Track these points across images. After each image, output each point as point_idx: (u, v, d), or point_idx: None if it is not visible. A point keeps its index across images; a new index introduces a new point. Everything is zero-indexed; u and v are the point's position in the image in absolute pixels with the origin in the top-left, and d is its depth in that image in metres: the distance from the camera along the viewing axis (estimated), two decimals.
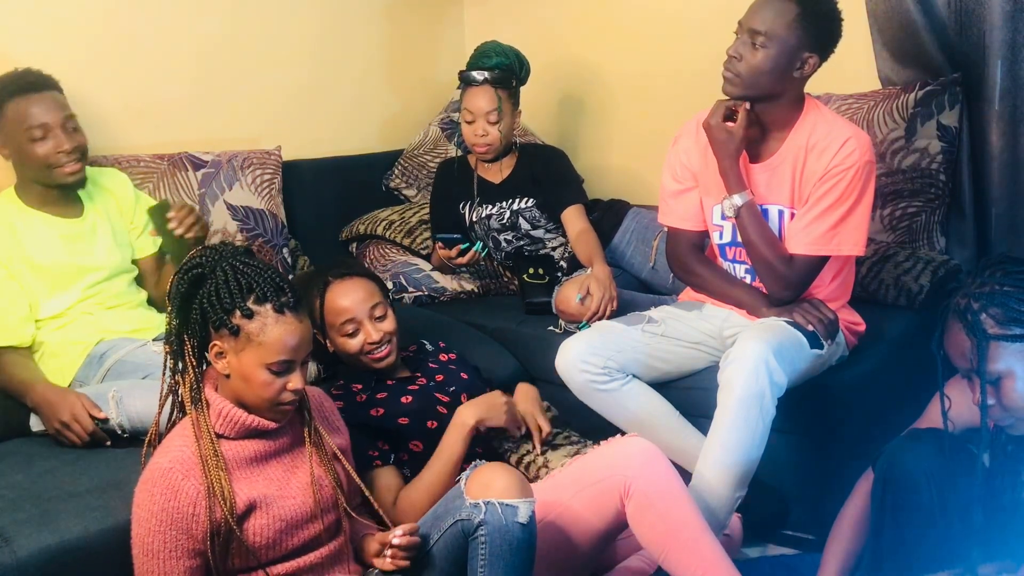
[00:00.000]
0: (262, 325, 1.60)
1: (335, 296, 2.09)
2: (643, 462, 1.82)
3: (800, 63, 2.14)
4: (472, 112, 2.86)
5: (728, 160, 2.19)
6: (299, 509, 1.68)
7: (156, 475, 1.59)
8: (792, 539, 2.27)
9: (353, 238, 3.25)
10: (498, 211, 2.94)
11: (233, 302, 1.59)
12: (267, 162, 2.94)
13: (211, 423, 1.64)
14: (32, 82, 2.24)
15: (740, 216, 2.20)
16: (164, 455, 1.62)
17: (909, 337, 2.55)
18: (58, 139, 2.21)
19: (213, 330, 1.61)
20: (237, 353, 1.61)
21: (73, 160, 2.24)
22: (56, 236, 2.28)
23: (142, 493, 1.60)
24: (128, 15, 2.79)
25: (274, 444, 1.70)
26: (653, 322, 2.31)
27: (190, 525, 1.58)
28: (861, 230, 2.19)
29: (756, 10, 2.15)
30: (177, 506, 1.57)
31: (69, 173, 2.24)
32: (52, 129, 2.21)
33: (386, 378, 2.15)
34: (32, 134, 2.20)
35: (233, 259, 1.63)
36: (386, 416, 2.06)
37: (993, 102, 2.66)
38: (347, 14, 3.41)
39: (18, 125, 2.20)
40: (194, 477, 1.59)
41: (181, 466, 1.59)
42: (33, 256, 2.23)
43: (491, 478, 1.64)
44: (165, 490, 1.58)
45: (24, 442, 2.09)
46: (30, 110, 2.20)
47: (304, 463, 1.72)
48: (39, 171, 2.24)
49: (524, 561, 1.63)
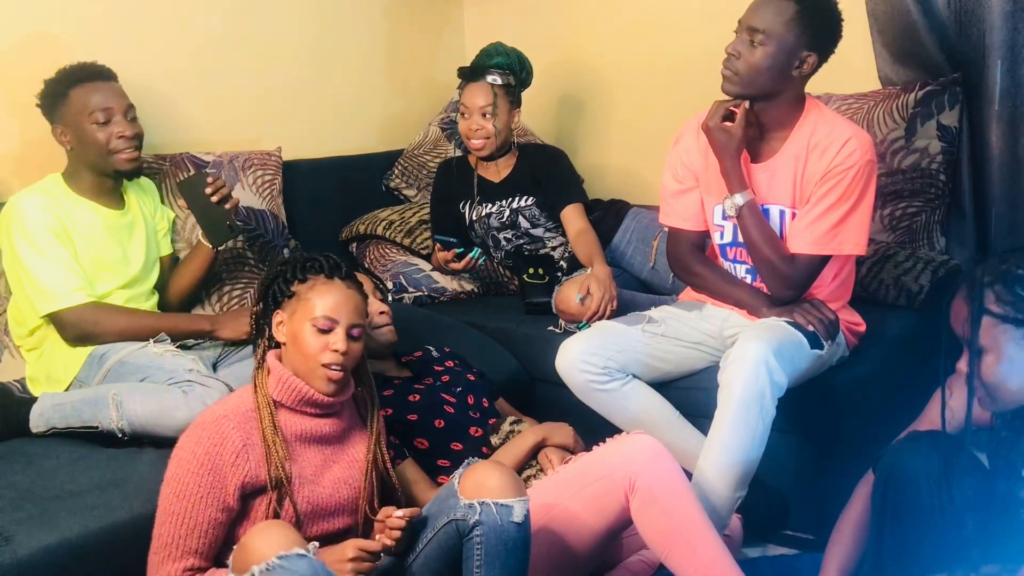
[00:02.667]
0: (312, 285, 1.75)
1: None
2: (648, 458, 1.82)
3: (799, 62, 2.14)
4: (467, 106, 2.88)
5: (729, 160, 2.19)
6: (327, 501, 1.73)
7: (209, 420, 1.68)
8: (792, 539, 2.27)
9: (353, 238, 3.25)
10: (498, 210, 2.94)
11: (294, 274, 1.76)
12: (268, 163, 2.95)
13: (269, 390, 1.73)
14: (96, 71, 2.33)
15: (742, 215, 2.20)
16: (221, 405, 1.75)
17: (909, 337, 2.55)
18: (120, 125, 2.29)
19: (276, 306, 1.77)
20: (291, 316, 1.75)
21: (132, 147, 2.31)
22: (101, 225, 2.32)
23: (189, 436, 1.68)
24: (128, 15, 2.79)
25: (321, 430, 1.76)
26: (653, 322, 2.31)
27: (228, 475, 1.64)
28: (862, 230, 2.19)
29: (755, 8, 2.15)
30: (221, 452, 1.64)
31: (127, 160, 2.31)
32: (115, 115, 2.29)
33: (392, 378, 2.17)
34: (96, 118, 2.26)
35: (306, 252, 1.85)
36: (394, 413, 2.07)
37: (993, 102, 2.67)
38: (347, 14, 3.41)
39: (82, 110, 2.27)
40: (243, 430, 1.67)
41: (235, 416, 1.68)
42: (77, 243, 2.26)
43: (485, 477, 1.64)
44: (213, 435, 1.65)
45: (24, 442, 2.08)
46: (94, 96, 2.28)
47: (344, 459, 1.78)
48: (98, 157, 2.29)
49: (519, 561, 1.62)
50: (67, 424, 2.08)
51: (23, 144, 2.55)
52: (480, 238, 2.99)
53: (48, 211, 2.22)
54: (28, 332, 2.27)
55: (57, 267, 2.18)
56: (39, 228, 2.19)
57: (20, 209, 2.20)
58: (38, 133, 2.40)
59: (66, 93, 2.28)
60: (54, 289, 2.17)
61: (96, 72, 2.32)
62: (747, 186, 2.20)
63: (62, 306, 2.17)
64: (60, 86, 2.29)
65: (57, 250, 2.19)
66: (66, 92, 2.28)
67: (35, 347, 2.28)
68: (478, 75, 2.89)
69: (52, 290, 2.17)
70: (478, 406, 2.21)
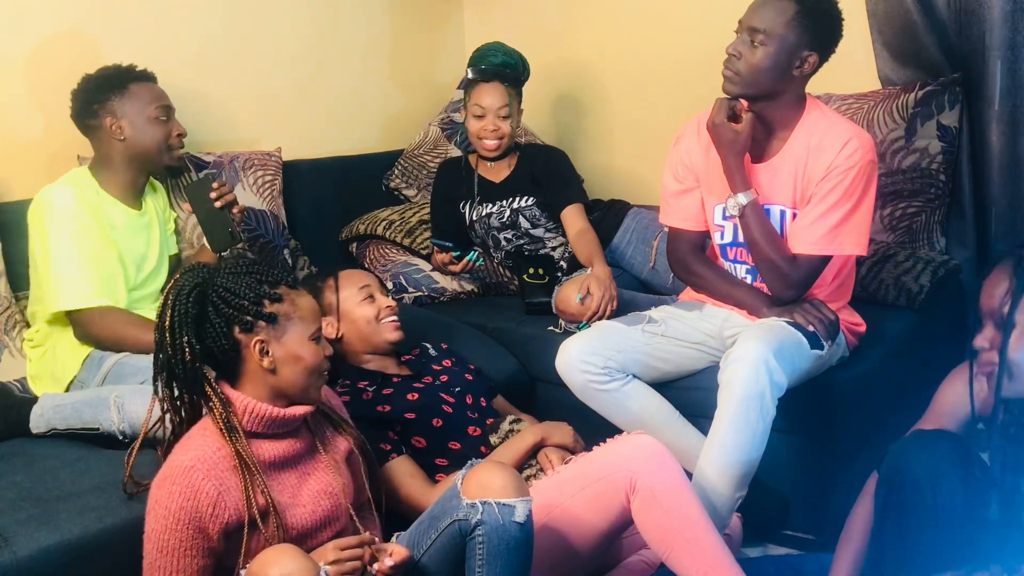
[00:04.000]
0: (292, 302, 1.67)
1: (346, 276, 2.28)
2: (649, 458, 1.82)
3: (800, 61, 2.14)
4: (483, 107, 2.86)
5: (734, 159, 2.18)
6: (309, 519, 1.69)
7: (177, 472, 1.59)
8: (793, 539, 2.27)
9: (353, 238, 3.25)
10: (498, 210, 2.94)
11: (257, 294, 1.64)
12: (268, 163, 2.95)
13: (237, 422, 1.64)
14: (149, 73, 2.41)
15: (744, 215, 2.20)
16: (185, 452, 1.62)
17: (909, 337, 2.55)
18: (177, 124, 2.41)
19: (245, 331, 1.63)
20: (280, 339, 1.65)
21: (181, 146, 2.43)
22: (124, 224, 2.33)
23: (160, 489, 1.60)
24: (128, 15, 2.79)
25: (288, 451, 1.71)
26: (653, 322, 2.31)
27: (207, 525, 1.58)
28: (863, 230, 2.19)
29: (755, 8, 2.15)
30: (196, 506, 1.57)
31: (178, 157, 2.43)
32: (173, 114, 2.40)
33: (392, 376, 2.17)
34: (159, 113, 2.35)
35: (225, 267, 1.68)
36: (393, 411, 2.08)
37: (993, 102, 2.66)
38: (347, 14, 3.41)
39: (147, 103, 2.34)
40: (214, 478, 1.59)
41: (203, 465, 1.59)
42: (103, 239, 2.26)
43: (488, 477, 1.64)
44: (185, 489, 1.57)
45: (24, 442, 2.09)
46: (157, 92, 2.38)
47: (316, 471, 1.73)
48: (152, 150, 2.36)
49: (522, 560, 1.63)
50: (67, 425, 2.08)
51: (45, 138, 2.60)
52: (480, 238, 2.99)
53: (81, 202, 2.23)
54: (36, 329, 2.27)
55: (83, 264, 2.18)
56: (72, 220, 2.20)
57: (53, 201, 2.20)
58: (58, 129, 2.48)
59: (126, 86, 2.33)
60: (77, 287, 2.17)
61: (150, 74, 2.41)
62: (750, 185, 2.20)
63: (82, 305, 2.18)
64: (117, 80, 2.33)
65: (86, 245, 2.20)
66: (126, 85, 2.33)
67: (39, 344, 2.28)
68: (491, 75, 2.89)
69: (75, 287, 2.17)
70: (476, 406, 2.21)
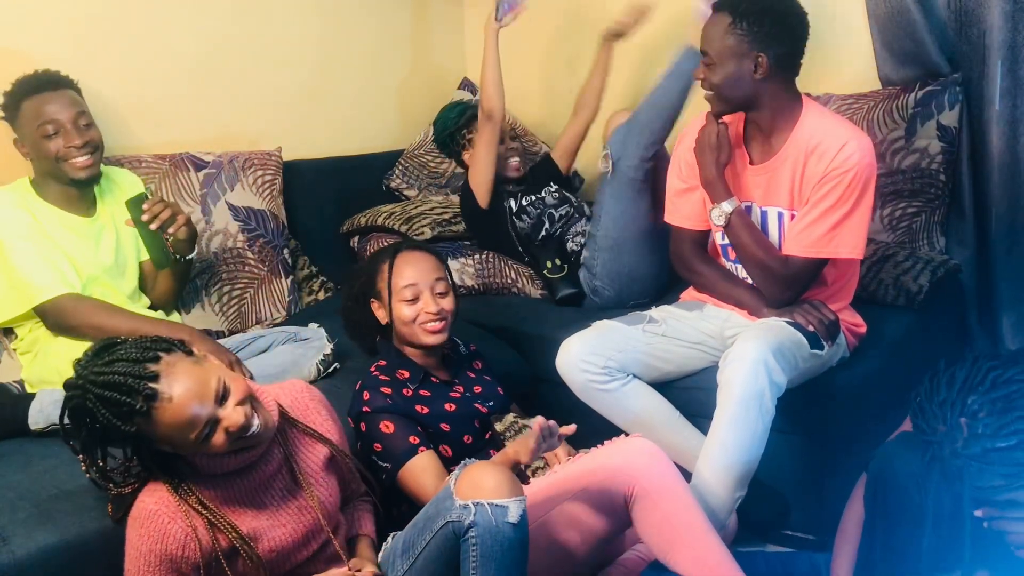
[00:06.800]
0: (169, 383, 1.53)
1: (403, 262, 2.13)
2: (647, 463, 1.82)
3: (754, 65, 2.14)
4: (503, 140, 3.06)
5: (711, 170, 2.22)
6: (289, 538, 1.69)
7: (143, 516, 1.60)
8: (792, 539, 2.27)
9: (354, 231, 3.25)
10: (546, 191, 3.06)
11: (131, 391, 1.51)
12: (268, 163, 2.94)
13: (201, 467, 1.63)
14: (48, 81, 2.30)
15: (730, 224, 2.22)
16: (150, 494, 1.62)
17: (909, 337, 2.55)
18: (69, 135, 2.26)
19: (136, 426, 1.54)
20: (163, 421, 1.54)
21: (84, 154, 2.27)
22: (66, 234, 2.30)
23: (132, 530, 1.61)
24: (128, 15, 2.79)
25: (259, 477, 1.70)
26: (654, 322, 2.31)
27: (180, 565, 1.59)
28: (860, 233, 2.18)
29: (703, 34, 2.20)
30: (165, 548, 1.58)
31: (80, 167, 2.28)
32: (63, 125, 2.26)
33: (431, 375, 2.14)
34: (45, 130, 2.25)
35: (84, 372, 1.56)
36: (431, 415, 2.05)
37: (993, 102, 2.66)
38: (347, 15, 3.41)
39: (33, 122, 2.26)
40: (179, 520, 1.59)
41: (167, 509, 1.60)
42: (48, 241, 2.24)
43: (480, 478, 1.63)
44: (152, 532, 1.58)
45: (24, 442, 2.08)
46: (44, 107, 2.26)
47: (290, 488, 1.73)
48: (52, 166, 2.28)
49: (516, 561, 1.62)
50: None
51: None
52: (532, 221, 3.02)
53: (21, 207, 2.23)
54: (21, 338, 2.27)
55: (36, 259, 2.19)
56: (15, 222, 2.21)
57: None
58: None
59: (19, 106, 2.27)
60: (43, 278, 2.18)
61: (47, 82, 2.29)
62: (731, 194, 2.22)
63: (53, 294, 2.18)
64: (13, 99, 2.28)
65: (38, 241, 2.20)
66: (19, 105, 2.27)
67: (27, 350, 2.28)
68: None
69: (41, 279, 2.18)
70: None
